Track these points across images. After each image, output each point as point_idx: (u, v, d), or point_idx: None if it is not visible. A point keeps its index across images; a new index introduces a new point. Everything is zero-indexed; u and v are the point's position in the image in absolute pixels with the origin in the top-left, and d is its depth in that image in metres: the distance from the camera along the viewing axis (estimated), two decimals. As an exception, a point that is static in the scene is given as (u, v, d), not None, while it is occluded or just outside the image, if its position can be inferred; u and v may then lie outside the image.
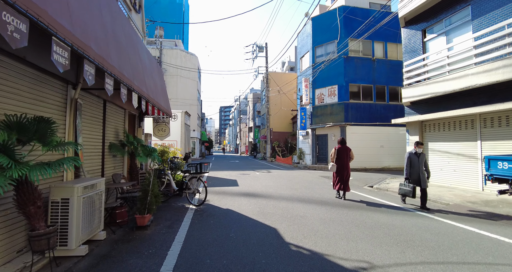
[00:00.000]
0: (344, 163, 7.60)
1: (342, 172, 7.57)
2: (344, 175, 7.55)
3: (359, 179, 12.67)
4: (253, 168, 18.79)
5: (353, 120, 17.85)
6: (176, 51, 30.19)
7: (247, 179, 11.63)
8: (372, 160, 18.00)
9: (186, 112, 12.83)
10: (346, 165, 7.62)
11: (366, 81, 18.43)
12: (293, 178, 12.28)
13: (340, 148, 7.69)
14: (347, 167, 7.64)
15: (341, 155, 7.65)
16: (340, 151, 7.67)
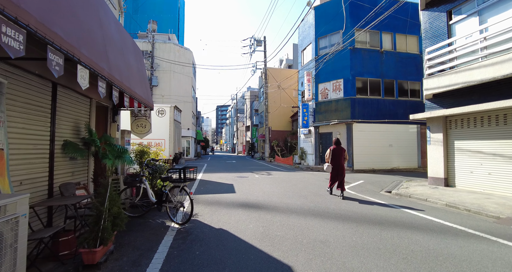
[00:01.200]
0: (340, 163, 7.77)
1: (338, 171, 7.74)
2: (340, 175, 7.71)
3: (371, 182, 11.23)
4: (251, 169, 17.30)
5: (360, 117, 16.43)
6: (170, 45, 28.57)
7: (245, 183, 10.14)
8: (380, 160, 16.61)
9: (176, 107, 11.29)
10: (341, 164, 7.78)
11: (374, 75, 17.01)
12: (298, 182, 10.81)
13: (335, 149, 7.84)
14: (342, 167, 7.80)
15: (336, 156, 7.80)
16: (335, 152, 7.82)
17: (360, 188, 9.49)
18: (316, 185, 9.90)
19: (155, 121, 10.88)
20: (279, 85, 24.73)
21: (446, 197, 7.53)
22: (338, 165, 7.73)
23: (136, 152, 6.75)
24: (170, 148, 10.84)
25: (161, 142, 10.84)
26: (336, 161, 7.75)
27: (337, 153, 7.81)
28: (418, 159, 17.40)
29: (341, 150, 7.84)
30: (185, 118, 29.22)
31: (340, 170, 7.71)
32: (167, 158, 10.84)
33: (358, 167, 16.07)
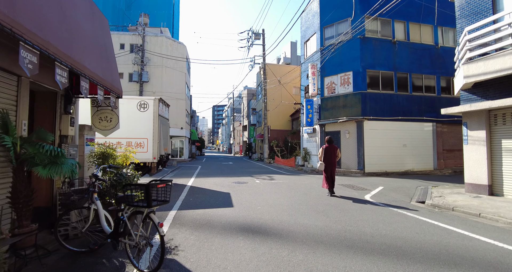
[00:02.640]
0: (332, 161, 7.96)
1: (330, 169, 7.92)
2: (331, 173, 7.92)
3: (392, 188, 9.51)
4: (250, 172, 15.51)
5: (372, 114, 14.74)
6: (162, 38, 26.67)
7: (244, 192, 8.35)
8: (393, 162, 14.94)
9: (162, 100, 9.47)
10: (333, 163, 8.00)
11: (386, 68, 15.34)
12: (307, 189, 9.05)
13: (328, 147, 8.02)
14: (334, 165, 8.04)
15: (328, 154, 7.97)
16: (327, 150, 7.99)
17: (385, 197, 7.76)
18: (335, 194, 8.14)
19: (136, 117, 9.06)
20: (280, 80, 22.97)
21: (505, 211, 5.83)
22: (330, 163, 7.93)
23: (96, 155, 4.93)
24: (154, 148, 9.01)
25: (143, 142, 9.01)
26: (329, 159, 7.93)
27: (330, 152, 7.99)
28: (434, 160, 15.77)
29: (333, 148, 8.04)
30: (178, 117, 27.34)
31: (333, 168, 7.95)
32: (150, 161, 9.01)
33: (369, 170, 14.37)
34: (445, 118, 15.98)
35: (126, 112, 9.02)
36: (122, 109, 9.05)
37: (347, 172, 14.55)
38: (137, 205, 3.14)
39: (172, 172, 15.32)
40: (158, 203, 3.11)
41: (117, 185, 4.44)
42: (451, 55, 16.68)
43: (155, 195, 3.10)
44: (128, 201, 3.20)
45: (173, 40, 27.81)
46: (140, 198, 3.28)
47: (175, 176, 13.18)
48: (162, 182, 3.11)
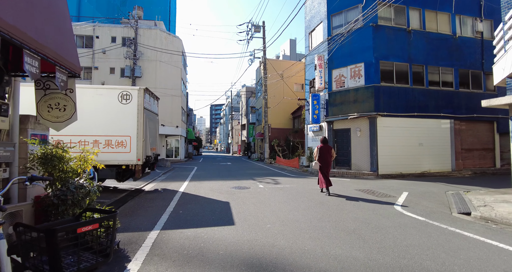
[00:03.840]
0: (327, 161, 8.05)
1: (325, 169, 7.97)
2: (327, 172, 7.96)
3: (418, 194, 8.10)
4: (251, 174, 14.05)
5: (386, 109, 13.33)
6: (156, 31, 25.11)
7: (247, 201, 6.88)
8: (409, 163, 13.55)
9: (148, 90, 7.96)
10: (328, 162, 8.09)
11: (401, 59, 13.94)
12: (322, 197, 7.62)
13: (323, 147, 8.13)
14: (329, 164, 8.17)
15: (323, 154, 8.07)
16: (322, 150, 8.09)
17: (418, 207, 6.33)
18: (356, 204, 6.70)
19: (117, 110, 7.57)
20: (282, 75, 21.51)
21: None
22: (325, 163, 8.02)
23: (36, 158, 3.44)
24: (139, 148, 7.52)
25: (125, 140, 7.51)
26: (324, 159, 8.03)
27: (325, 151, 8.09)
28: (452, 160, 14.40)
29: (328, 148, 8.17)
30: (173, 114, 25.82)
31: (328, 167, 8.04)
32: (134, 164, 7.53)
33: (384, 171, 12.97)
34: (463, 115, 14.64)
35: (105, 104, 7.54)
36: (101, 101, 7.56)
37: (359, 174, 13.14)
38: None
39: (164, 174, 13.81)
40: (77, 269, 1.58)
41: (59, 206, 2.96)
42: (470, 46, 15.38)
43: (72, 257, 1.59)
44: (24, 255, 1.69)
45: (168, 33, 26.27)
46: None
47: (167, 179, 11.69)
48: (95, 221, 1.61)
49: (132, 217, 5.29)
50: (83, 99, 7.44)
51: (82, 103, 7.41)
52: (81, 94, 7.41)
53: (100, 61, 23.77)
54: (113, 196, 7.35)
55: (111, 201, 6.74)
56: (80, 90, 7.45)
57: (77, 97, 7.48)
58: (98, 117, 7.46)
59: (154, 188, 9.10)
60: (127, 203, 6.63)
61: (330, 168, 8.18)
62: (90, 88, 7.57)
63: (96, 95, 7.47)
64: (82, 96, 7.42)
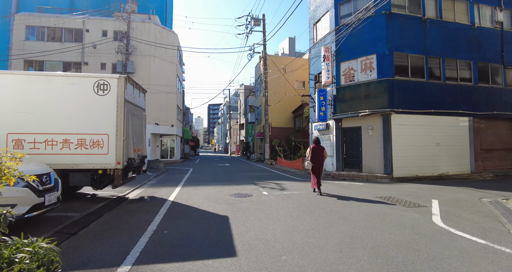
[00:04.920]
0: (319, 161, 8.08)
1: (317, 169, 8.02)
2: (319, 172, 8.02)
3: (450, 202, 6.85)
4: (252, 177, 12.75)
5: (400, 105, 12.09)
6: (150, 25, 23.72)
7: (251, 215, 5.58)
8: (425, 164, 12.33)
9: (130, 79, 6.69)
10: (320, 163, 8.12)
11: (416, 51, 12.71)
12: (341, 207, 6.33)
13: (315, 147, 8.21)
14: (321, 164, 8.16)
15: (315, 154, 8.09)
16: (314, 150, 8.14)
17: (463, 222, 5.07)
18: (386, 219, 5.42)
19: (92, 102, 6.25)
20: (285, 69, 20.23)
21: None
22: (318, 163, 8.03)
23: None
24: (118, 149, 6.19)
25: (101, 139, 6.19)
26: (316, 159, 8.04)
27: (317, 152, 8.11)
28: (471, 162, 13.19)
29: (320, 148, 8.20)
30: (168, 113, 24.47)
31: (320, 167, 8.06)
32: (113, 168, 6.22)
33: (398, 174, 11.72)
34: (483, 112, 13.45)
35: (78, 96, 6.21)
36: (72, 92, 6.21)
37: (371, 177, 11.88)
38: None
39: (155, 177, 12.47)
40: None
41: None
42: (489, 38, 14.15)
43: None
44: None
45: (162, 27, 24.90)
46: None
47: (157, 184, 10.36)
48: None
49: (100, 241, 3.98)
50: (51, 90, 6.13)
51: (49, 94, 6.12)
52: (48, 83, 6.11)
53: (90, 56, 22.35)
54: (87, 207, 6.02)
55: (82, 214, 5.42)
56: (47, 79, 6.14)
57: (44, 87, 6.16)
58: (69, 111, 6.14)
59: (140, 196, 7.77)
60: (101, 218, 5.31)
61: (322, 168, 8.22)
62: (60, 76, 6.23)
63: (67, 84, 6.14)
64: (50, 86, 6.12)
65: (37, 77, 6.10)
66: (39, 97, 6.01)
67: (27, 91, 5.98)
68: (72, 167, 6.11)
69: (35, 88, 5.99)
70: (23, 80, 6.01)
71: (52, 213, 5.31)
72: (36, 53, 20.96)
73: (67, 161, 6.07)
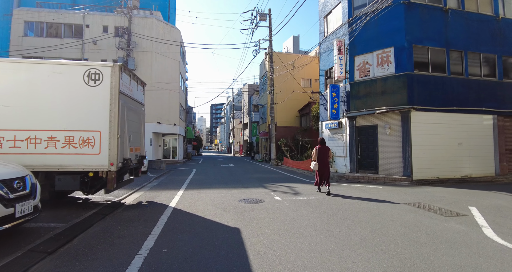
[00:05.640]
0: (325, 162, 8.13)
1: (323, 169, 8.08)
2: (325, 173, 8.07)
3: (488, 208, 5.95)
4: (259, 179, 11.90)
5: (420, 102, 11.19)
6: (152, 20, 22.95)
7: (267, 229, 4.71)
8: (447, 166, 11.41)
9: (125, 68, 5.82)
10: (326, 163, 8.16)
11: (437, 43, 11.79)
12: (370, 217, 5.46)
13: (321, 148, 8.24)
14: (327, 164, 8.19)
15: (321, 155, 8.16)
16: (320, 151, 8.20)
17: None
18: (428, 232, 4.55)
19: (81, 95, 5.43)
20: (293, 64, 19.35)
21: None
22: (323, 164, 8.09)
23: None
24: (112, 148, 5.37)
25: (92, 137, 5.37)
26: (322, 160, 8.10)
27: (322, 152, 8.19)
28: (496, 163, 12.25)
29: (326, 149, 8.29)
30: (170, 111, 23.70)
31: (326, 168, 8.10)
32: (105, 170, 5.41)
33: (419, 176, 10.82)
34: (508, 110, 12.49)
35: (65, 87, 5.40)
36: (59, 83, 5.39)
37: (389, 180, 10.98)
38: None
39: (156, 179, 11.66)
40: None
41: None
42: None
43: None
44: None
45: (165, 23, 24.13)
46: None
47: (158, 186, 9.54)
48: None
49: (82, 264, 3.15)
50: (34, 79, 5.33)
51: (32, 84, 5.30)
52: (32, 71, 5.29)
53: (90, 52, 21.62)
54: (76, 215, 5.21)
55: (67, 225, 4.60)
56: (29, 67, 5.32)
57: (27, 76, 5.35)
58: (55, 104, 5.33)
59: (138, 200, 6.95)
60: (90, 229, 4.49)
61: (328, 168, 8.26)
62: (44, 64, 5.41)
63: (52, 73, 5.32)
64: (33, 75, 5.32)
65: (17, 64, 5.29)
66: (20, 88, 5.20)
67: (5, 81, 5.17)
68: (59, 168, 5.30)
69: (14, 77, 5.18)
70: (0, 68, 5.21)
71: (32, 224, 4.50)
72: (34, 49, 20.27)
73: (52, 162, 5.26)
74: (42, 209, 5.71)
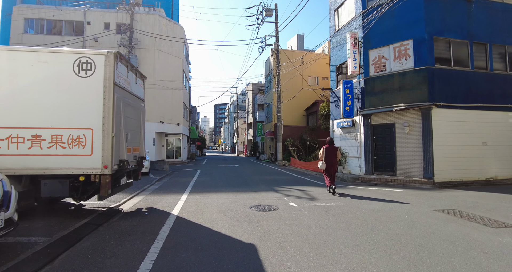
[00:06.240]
0: (332, 161, 8.05)
1: (330, 169, 8.05)
2: (332, 172, 8.06)
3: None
4: (269, 182, 11.16)
5: (442, 99, 10.36)
6: (154, 17, 22.32)
7: (288, 245, 3.96)
8: (471, 167, 10.57)
9: (121, 57, 5.07)
10: (334, 163, 8.09)
11: (459, 35, 10.95)
12: (407, 229, 4.70)
13: (328, 148, 8.17)
14: (335, 164, 8.14)
15: (328, 154, 8.08)
16: (328, 150, 8.12)
17: None
18: (491, 250, 3.77)
19: (70, 87, 4.73)
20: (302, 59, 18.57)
21: None
22: (331, 163, 8.03)
23: None
24: (105, 148, 4.66)
25: (83, 136, 4.67)
26: (329, 160, 8.04)
27: (330, 152, 8.10)
28: (522, 164, 11.36)
29: (334, 149, 8.18)
30: (174, 110, 23.06)
31: (333, 167, 8.08)
32: (98, 173, 4.71)
33: (441, 178, 10.00)
34: (535, 106, 11.60)
35: (52, 77, 4.71)
36: (45, 73, 4.69)
37: (408, 182, 10.17)
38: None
39: (159, 181, 10.96)
40: None
41: None
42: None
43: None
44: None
45: (168, 20, 23.48)
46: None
47: (160, 190, 8.84)
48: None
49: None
50: (16, 69, 4.64)
51: (14, 75, 4.61)
52: (13, 60, 4.60)
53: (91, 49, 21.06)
54: (64, 226, 4.52)
55: (52, 239, 3.90)
56: (9, 55, 4.63)
57: (7, 65, 4.64)
58: (40, 98, 4.64)
59: (137, 207, 6.25)
60: (78, 245, 3.79)
61: (335, 168, 8.25)
62: (27, 52, 4.72)
63: (37, 62, 4.63)
64: (15, 64, 4.63)
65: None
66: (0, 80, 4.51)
67: (-17, 71, 4.48)
68: (45, 172, 4.61)
69: (-7, 67, 4.50)
70: None
71: (9, 238, 3.81)
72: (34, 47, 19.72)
73: (37, 164, 4.57)
74: (30, 216, 5.06)
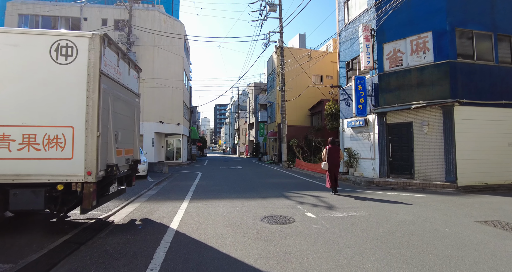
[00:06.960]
0: (335, 162, 8.05)
1: (333, 170, 8.03)
2: (335, 173, 8.09)
3: None
4: (277, 186, 10.31)
5: (465, 96, 9.53)
6: (153, 13, 21.53)
7: None
8: (495, 170, 9.74)
9: (109, 40, 4.20)
10: (337, 163, 8.11)
11: (482, 26, 10.12)
12: (458, 250, 3.85)
13: (331, 148, 8.13)
14: (338, 165, 8.19)
15: (331, 155, 8.07)
16: (331, 151, 8.09)
17: None
18: None
19: (46, 75, 3.91)
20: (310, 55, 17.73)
21: None
22: (333, 164, 8.01)
23: None
24: (89, 151, 3.83)
25: (62, 134, 3.86)
26: (332, 160, 8.01)
27: (333, 152, 8.09)
28: (550, 166, 10.49)
29: (336, 149, 8.21)
30: (174, 109, 22.23)
31: (336, 168, 8.10)
32: (81, 181, 3.85)
33: (464, 182, 9.15)
34: None
35: (23, 64, 3.88)
36: (16, 58, 3.81)
37: (428, 186, 9.33)
38: None
39: (157, 185, 10.12)
40: None
41: None
42: None
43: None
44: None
45: (167, 16, 22.70)
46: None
47: (157, 196, 8.00)
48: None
49: None
50: (-20, 55, 3.78)
51: (-23, 62, 3.76)
52: (-24, 44, 3.75)
53: (88, 47, 20.26)
54: (38, 245, 3.69)
55: (17, 267, 3.06)
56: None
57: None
58: (9, 89, 3.81)
59: (131, 217, 5.41)
60: (48, 274, 2.94)
61: (338, 168, 8.29)
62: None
63: (5, 46, 3.82)
64: (-22, 49, 3.76)
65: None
66: (-41, 66, 3.69)
67: None
68: (14, 179, 3.78)
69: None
70: None
71: (-40, 267, 2.97)
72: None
73: (5, 170, 3.75)
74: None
